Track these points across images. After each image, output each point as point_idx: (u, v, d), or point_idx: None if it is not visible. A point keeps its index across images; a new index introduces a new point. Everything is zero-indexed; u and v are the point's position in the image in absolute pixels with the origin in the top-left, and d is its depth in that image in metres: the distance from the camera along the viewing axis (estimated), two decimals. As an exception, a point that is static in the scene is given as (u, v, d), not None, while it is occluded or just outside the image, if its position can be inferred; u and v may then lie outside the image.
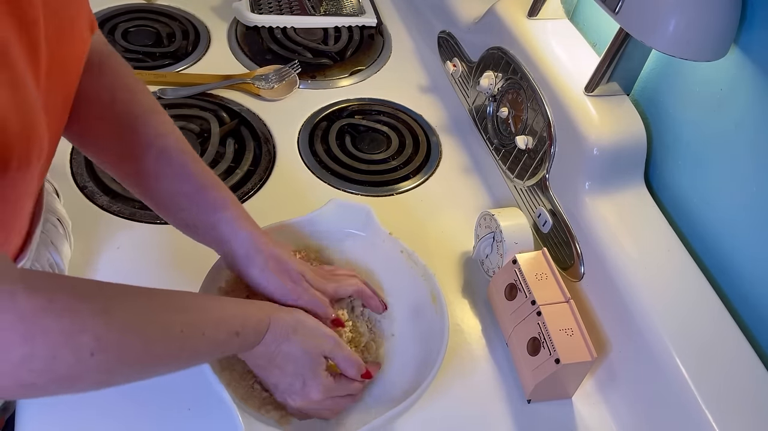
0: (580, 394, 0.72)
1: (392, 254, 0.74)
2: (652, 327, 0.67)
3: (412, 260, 0.73)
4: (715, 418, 0.60)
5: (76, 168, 0.86)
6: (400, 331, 0.72)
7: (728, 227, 0.71)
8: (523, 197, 0.88)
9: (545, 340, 0.67)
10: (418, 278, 0.72)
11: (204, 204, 0.63)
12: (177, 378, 0.56)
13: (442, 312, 0.68)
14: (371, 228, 0.75)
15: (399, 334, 0.72)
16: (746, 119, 0.67)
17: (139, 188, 0.64)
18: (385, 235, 0.75)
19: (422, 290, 0.71)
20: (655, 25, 0.64)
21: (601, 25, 0.89)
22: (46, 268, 0.64)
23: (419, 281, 0.72)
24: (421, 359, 0.68)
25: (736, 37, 0.66)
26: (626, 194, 0.78)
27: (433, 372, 0.63)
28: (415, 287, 0.72)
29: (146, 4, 1.15)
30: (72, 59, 0.53)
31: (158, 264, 0.77)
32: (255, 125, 0.97)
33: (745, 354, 0.65)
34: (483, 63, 0.97)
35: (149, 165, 0.62)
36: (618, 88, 0.80)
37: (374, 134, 1.01)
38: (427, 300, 0.71)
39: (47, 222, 0.66)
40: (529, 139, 0.86)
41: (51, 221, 0.67)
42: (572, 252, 0.78)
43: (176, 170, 0.62)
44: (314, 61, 1.12)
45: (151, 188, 0.63)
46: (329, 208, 0.75)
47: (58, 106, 0.53)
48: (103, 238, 0.79)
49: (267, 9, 1.16)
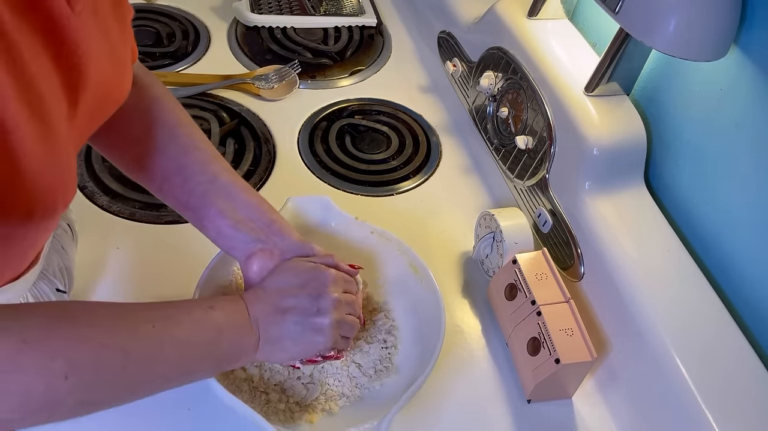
0: (580, 394, 0.72)
1: (362, 237, 0.74)
2: (652, 327, 0.67)
3: (384, 237, 0.74)
4: (715, 418, 0.60)
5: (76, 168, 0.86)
6: (391, 308, 0.73)
7: (728, 227, 0.71)
8: (523, 197, 0.88)
9: (545, 340, 0.67)
10: (395, 253, 0.73)
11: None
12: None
13: (429, 282, 0.69)
14: (335, 217, 0.75)
15: (391, 311, 0.73)
16: (746, 119, 0.67)
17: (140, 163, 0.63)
18: (350, 220, 0.74)
19: (401, 264, 0.72)
20: (655, 25, 0.64)
21: (601, 25, 0.89)
22: (57, 273, 0.63)
23: (396, 256, 0.73)
24: (420, 330, 0.69)
25: (736, 37, 0.66)
26: (626, 194, 0.78)
27: (438, 345, 0.64)
28: (394, 263, 0.73)
29: (146, 4, 1.15)
30: (110, 101, 0.53)
31: (158, 264, 0.77)
32: (255, 125, 0.97)
33: (745, 354, 0.65)
34: (483, 63, 0.97)
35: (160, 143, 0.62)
36: (618, 88, 0.80)
37: (374, 134, 1.01)
38: (409, 272, 0.72)
39: (58, 228, 0.66)
40: (529, 139, 0.86)
41: (62, 227, 0.67)
42: (572, 252, 0.78)
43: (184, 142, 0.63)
44: (314, 61, 1.12)
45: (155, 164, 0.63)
46: (288, 208, 0.73)
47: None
48: (103, 238, 0.79)
49: (267, 9, 1.16)
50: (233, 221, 0.62)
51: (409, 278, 0.72)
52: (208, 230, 0.63)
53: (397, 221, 0.87)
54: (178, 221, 0.82)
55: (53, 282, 0.62)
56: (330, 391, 0.66)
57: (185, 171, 0.63)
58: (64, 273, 0.66)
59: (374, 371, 0.68)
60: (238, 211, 0.62)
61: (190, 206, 0.63)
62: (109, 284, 0.74)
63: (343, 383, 0.67)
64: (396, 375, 0.68)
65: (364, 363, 0.68)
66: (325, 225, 0.75)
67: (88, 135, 0.52)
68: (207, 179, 0.63)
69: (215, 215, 0.62)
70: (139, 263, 0.77)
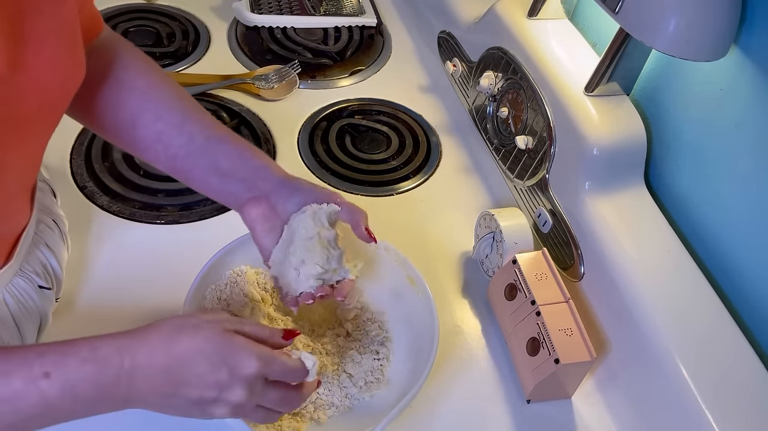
0: (579, 394, 0.72)
1: (362, 245, 0.73)
2: (652, 326, 0.67)
3: (383, 247, 0.73)
4: (715, 418, 0.60)
5: (76, 168, 0.87)
6: (386, 319, 0.72)
7: (728, 227, 0.71)
8: (523, 197, 0.88)
9: (545, 340, 0.67)
10: (392, 264, 0.72)
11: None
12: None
13: (425, 295, 0.69)
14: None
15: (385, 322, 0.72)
16: (746, 119, 0.67)
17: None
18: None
19: (398, 275, 0.72)
20: (655, 25, 0.64)
21: (601, 25, 0.89)
22: (39, 270, 0.63)
23: (394, 266, 0.72)
24: (414, 344, 0.68)
25: (736, 37, 0.66)
26: (626, 194, 0.78)
27: (430, 360, 0.63)
28: (391, 273, 0.72)
29: (146, 4, 1.15)
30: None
31: (158, 264, 0.77)
32: (255, 125, 0.97)
33: (745, 354, 0.65)
34: (483, 63, 0.97)
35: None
36: (618, 88, 0.80)
37: (374, 134, 1.01)
38: (406, 284, 0.71)
39: (41, 223, 0.65)
40: (529, 139, 0.86)
41: (45, 222, 0.66)
42: (572, 252, 0.78)
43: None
44: (314, 61, 1.12)
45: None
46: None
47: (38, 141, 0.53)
48: (103, 238, 0.79)
49: (267, 9, 1.16)
50: (218, 176, 0.62)
51: (405, 290, 0.71)
52: (200, 190, 0.64)
53: (397, 222, 0.87)
54: (178, 221, 0.82)
55: (34, 279, 0.62)
56: (319, 400, 0.65)
57: (164, 138, 0.62)
58: (49, 270, 0.65)
59: (365, 382, 0.67)
60: (221, 165, 0.62)
61: (177, 171, 0.63)
62: (108, 285, 0.74)
63: (333, 392, 0.66)
64: (387, 387, 0.67)
65: (355, 373, 0.68)
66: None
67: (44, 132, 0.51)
68: (185, 142, 0.62)
69: (201, 176, 0.63)
70: (139, 264, 0.77)
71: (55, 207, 0.71)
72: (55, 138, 0.57)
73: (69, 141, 0.90)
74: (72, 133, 0.90)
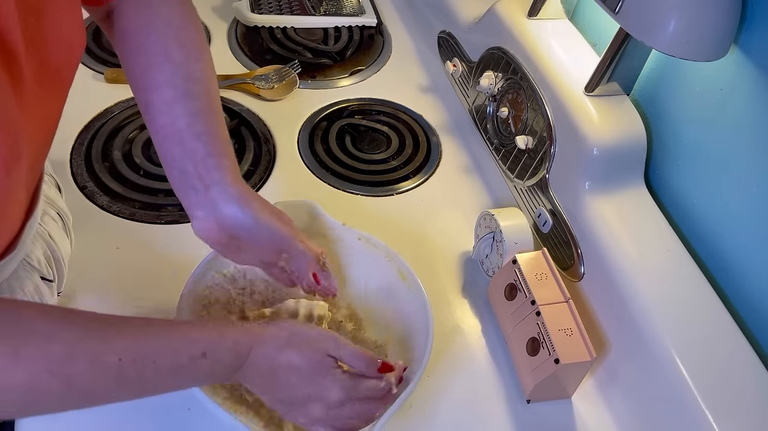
0: (579, 394, 0.72)
1: (350, 243, 0.74)
2: (652, 327, 0.67)
3: (371, 243, 0.73)
4: (715, 418, 0.60)
5: (76, 168, 0.87)
6: (377, 316, 0.72)
7: (728, 227, 0.71)
8: (523, 197, 0.88)
9: (545, 340, 0.67)
10: (381, 260, 0.72)
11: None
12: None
13: (417, 289, 0.69)
14: (322, 222, 0.74)
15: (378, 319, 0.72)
16: (746, 119, 0.67)
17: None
18: (338, 226, 0.74)
19: (389, 271, 0.72)
20: (655, 25, 0.64)
21: (601, 25, 0.89)
22: (42, 262, 0.63)
23: (383, 262, 0.72)
24: (409, 340, 0.68)
25: (736, 37, 0.66)
26: (626, 194, 0.78)
27: (426, 353, 0.63)
28: (381, 269, 0.72)
29: (146, 4, 1.15)
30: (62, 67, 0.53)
31: (158, 264, 0.77)
32: (255, 125, 0.97)
33: (745, 354, 0.65)
34: (483, 63, 0.97)
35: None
36: (618, 88, 0.80)
37: (374, 134, 1.01)
38: (396, 279, 0.71)
39: (45, 215, 0.65)
40: (529, 139, 0.86)
41: (50, 214, 0.66)
42: (572, 252, 0.78)
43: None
44: (314, 61, 1.12)
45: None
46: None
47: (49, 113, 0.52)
48: (103, 238, 0.79)
49: (267, 9, 1.16)
50: (178, 171, 0.61)
51: (396, 285, 0.71)
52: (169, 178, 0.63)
53: (396, 221, 0.87)
54: (178, 221, 0.82)
55: (37, 270, 0.62)
56: None
57: (152, 110, 0.61)
58: (52, 263, 0.65)
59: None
60: (185, 161, 0.61)
61: (158, 148, 0.62)
62: (108, 284, 0.74)
63: None
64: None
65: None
66: (312, 230, 0.74)
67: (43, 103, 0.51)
68: (167, 122, 0.61)
69: (168, 164, 0.61)
70: (139, 264, 0.77)
71: (60, 201, 0.71)
72: (55, 138, 0.58)
73: (69, 141, 0.90)
74: (72, 133, 0.91)
